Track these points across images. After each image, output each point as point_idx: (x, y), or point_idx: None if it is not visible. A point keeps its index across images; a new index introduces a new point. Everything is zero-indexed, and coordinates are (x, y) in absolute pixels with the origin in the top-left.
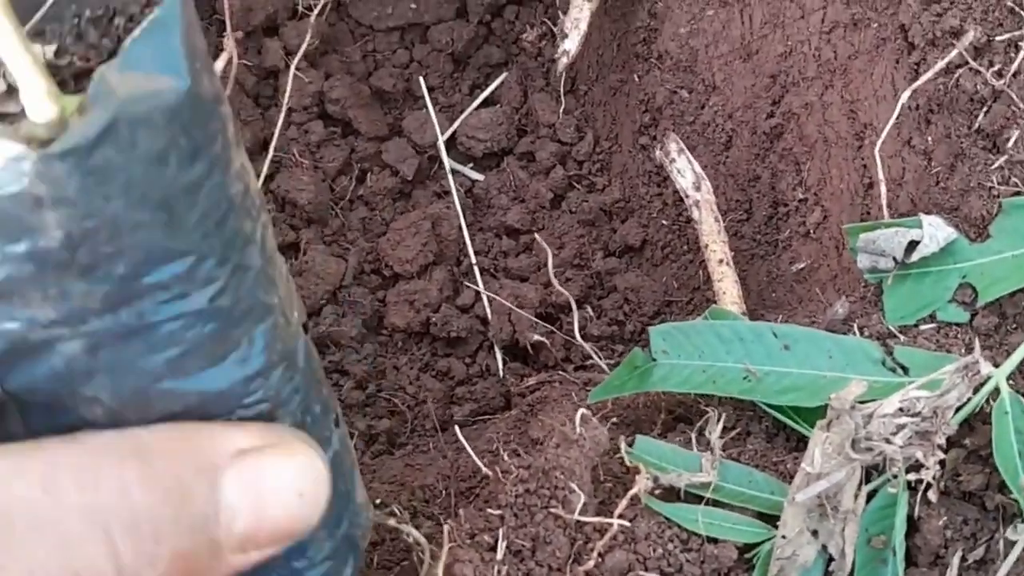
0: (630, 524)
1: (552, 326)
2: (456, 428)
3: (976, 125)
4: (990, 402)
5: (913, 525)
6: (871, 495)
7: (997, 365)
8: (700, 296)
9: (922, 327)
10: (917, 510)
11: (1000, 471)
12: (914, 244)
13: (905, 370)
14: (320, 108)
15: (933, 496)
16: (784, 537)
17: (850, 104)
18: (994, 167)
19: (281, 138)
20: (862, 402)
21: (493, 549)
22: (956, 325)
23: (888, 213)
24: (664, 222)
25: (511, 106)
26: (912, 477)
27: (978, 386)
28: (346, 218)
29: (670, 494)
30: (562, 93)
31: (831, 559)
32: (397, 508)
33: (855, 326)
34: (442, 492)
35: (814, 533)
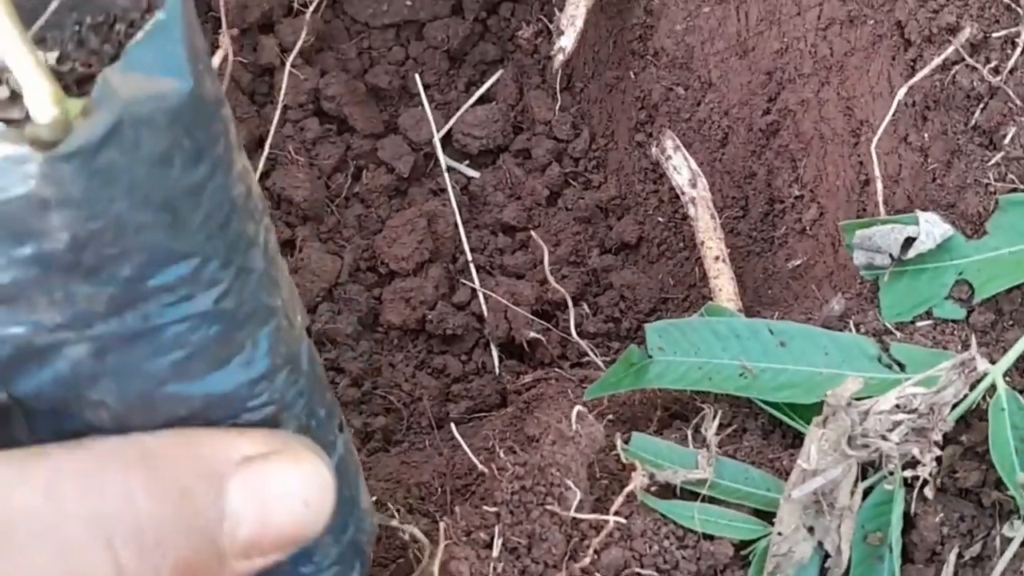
0: (626, 521)
1: (548, 323)
2: (452, 425)
3: (972, 122)
4: (986, 399)
5: (909, 522)
6: (867, 492)
7: (993, 362)
8: (696, 293)
9: (918, 324)
10: (913, 507)
11: (997, 468)
12: (910, 241)
13: (901, 367)
14: (316, 105)
15: (929, 493)
16: (780, 534)
17: (846, 101)
18: (991, 164)
19: (277, 135)
20: (858, 399)
21: (489, 546)
22: (952, 322)
23: (884, 210)
24: (660, 219)
25: (507, 103)
26: (908, 474)
27: (974, 383)
28: (342, 215)
29: (666, 491)
30: (558, 90)
31: (827, 556)
32: (392, 506)
33: (851, 323)
34: (438, 489)
35: (810, 530)
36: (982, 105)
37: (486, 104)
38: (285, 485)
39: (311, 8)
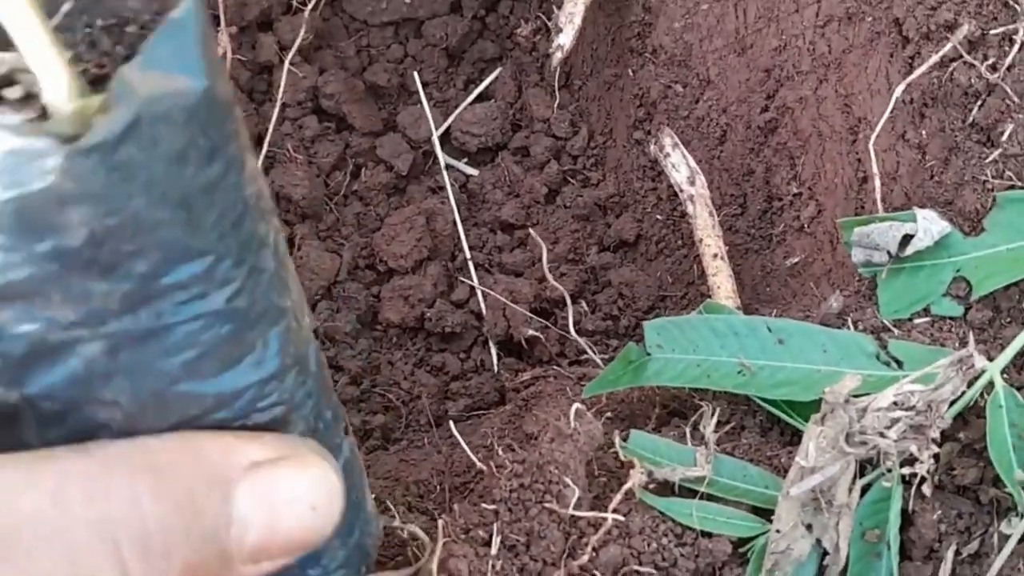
0: (624, 519)
1: (546, 321)
2: (451, 423)
3: (970, 119)
4: (984, 396)
5: (907, 519)
6: (865, 489)
7: (991, 359)
8: (694, 291)
9: (916, 321)
10: (911, 504)
11: (994, 465)
12: (908, 238)
13: (899, 364)
14: (314, 103)
15: (927, 490)
16: (778, 531)
17: (844, 98)
18: (988, 161)
19: (275, 133)
20: (856, 396)
21: (487, 544)
22: (950, 319)
23: (882, 207)
24: (658, 217)
25: (505, 101)
26: (906, 471)
27: (972, 380)
28: (340, 213)
29: (664, 488)
30: (556, 88)
31: (825, 553)
32: (391, 503)
33: (849, 320)
34: (436, 487)
35: (808, 527)
36: (980, 102)
37: (485, 102)
38: (293, 490)
39: (310, 6)
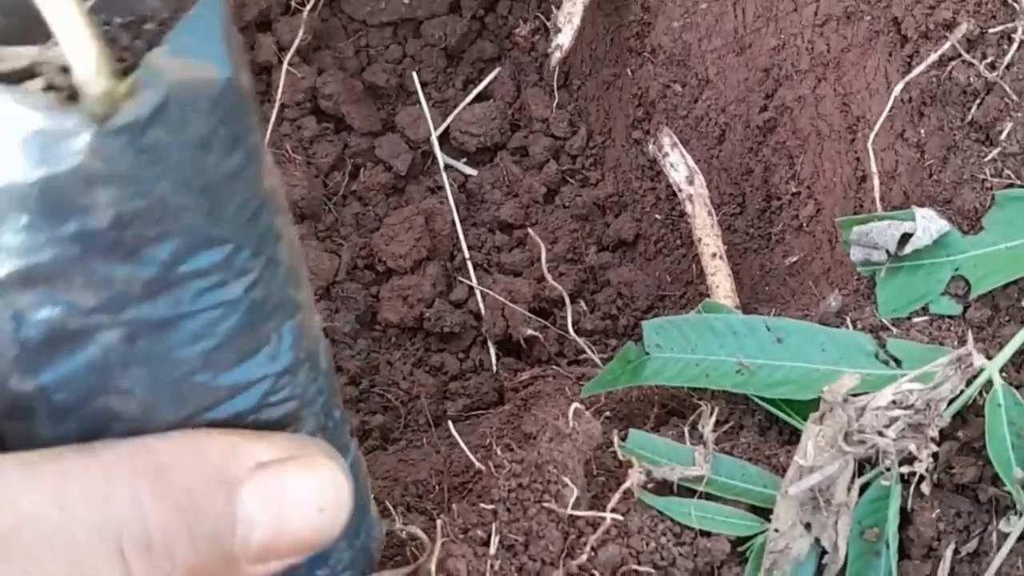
0: (623, 518)
1: (545, 321)
2: (449, 423)
3: (969, 117)
4: (983, 394)
5: (906, 518)
6: (864, 488)
7: (990, 357)
8: (693, 290)
9: (915, 320)
10: (910, 503)
11: (993, 463)
12: (907, 237)
13: (898, 363)
14: (313, 104)
15: (926, 489)
16: (777, 530)
17: (843, 97)
18: (987, 159)
19: (274, 134)
20: (855, 395)
21: (486, 543)
22: (949, 317)
23: (881, 206)
24: (657, 216)
25: (504, 101)
26: (905, 470)
27: (971, 378)
28: (339, 214)
29: (663, 488)
30: (555, 88)
31: (824, 552)
32: (390, 503)
33: (848, 319)
34: (435, 487)
35: (807, 526)
36: (979, 101)
37: (483, 102)
38: (300, 491)
39: (308, 6)
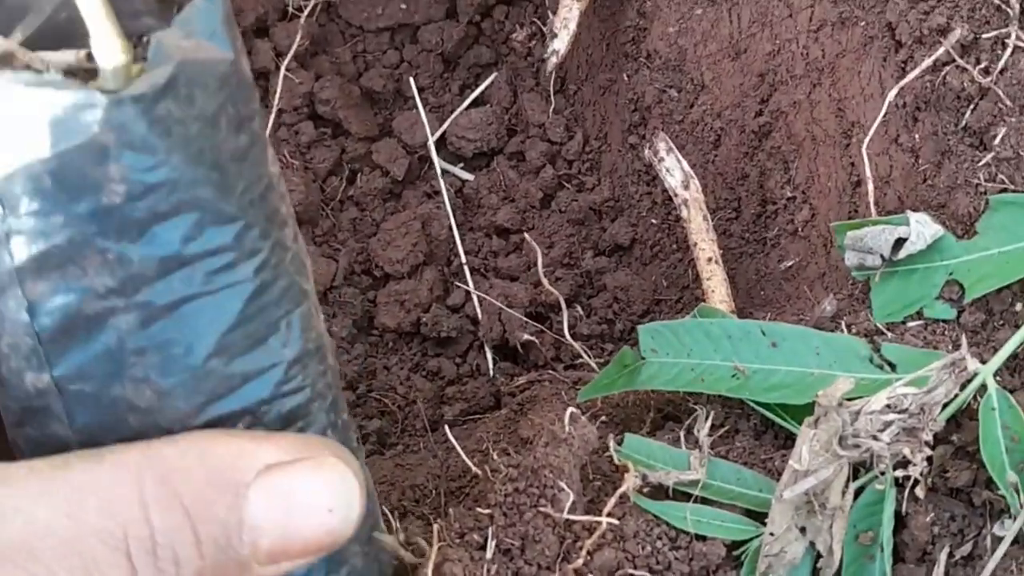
0: (619, 522)
1: (542, 325)
2: (446, 428)
3: (963, 122)
4: (977, 398)
5: (900, 521)
6: (858, 492)
7: (984, 361)
8: (689, 295)
9: (909, 324)
10: (904, 506)
11: (987, 467)
12: (901, 241)
13: (892, 367)
14: (310, 109)
15: (920, 492)
16: (772, 534)
17: (838, 102)
18: (981, 164)
19: (271, 139)
20: (849, 399)
21: (483, 548)
22: (943, 322)
23: (875, 211)
24: (653, 221)
25: (501, 106)
26: (899, 474)
27: (965, 383)
28: (336, 219)
29: (659, 492)
30: (551, 93)
31: (819, 556)
32: (387, 508)
33: (843, 323)
34: (432, 492)
35: (802, 530)
36: (972, 106)
37: (480, 107)
38: (309, 492)
39: (306, 12)
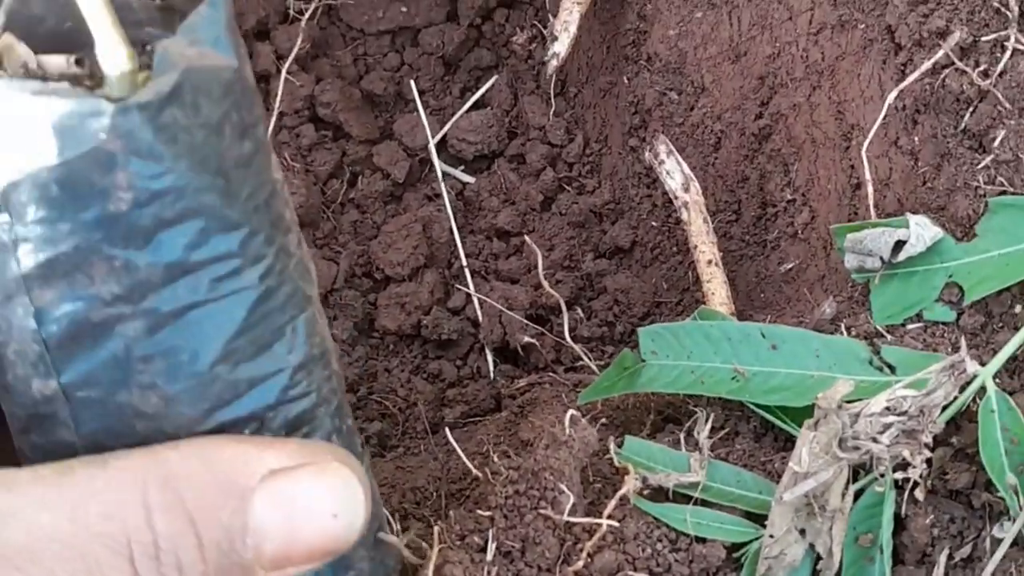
0: (619, 524)
1: (542, 328)
2: (447, 430)
3: (962, 125)
4: (976, 401)
5: (900, 523)
6: (858, 494)
7: (983, 364)
8: (689, 297)
9: (909, 326)
10: (904, 508)
11: (987, 469)
12: (901, 244)
13: (892, 369)
14: (311, 112)
15: (920, 494)
16: (772, 536)
17: (837, 105)
18: (980, 167)
19: (272, 142)
20: (849, 401)
21: (483, 550)
22: (943, 324)
23: (875, 213)
24: (654, 223)
25: (501, 109)
26: (899, 476)
27: (964, 385)
28: (337, 221)
29: (659, 494)
30: (552, 95)
31: (819, 558)
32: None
33: (842, 326)
34: (433, 494)
35: (802, 532)
36: (972, 108)
37: (481, 110)
38: (312, 497)
39: (307, 15)
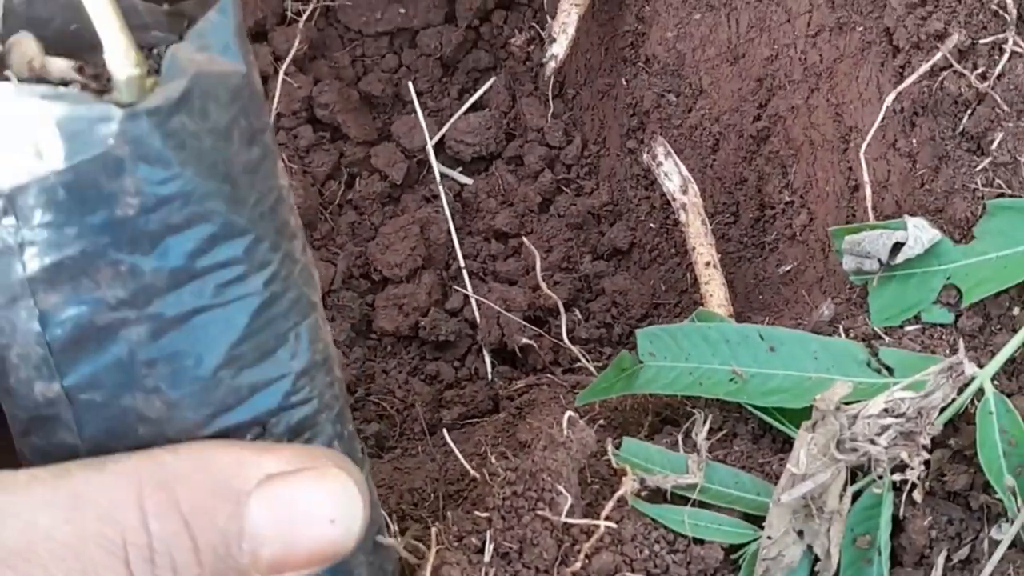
0: (617, 526)
1: (540, 329)
2: (444, 431)
3: (960, 127)
4: (974, 402)
5: (898, 525)
6: (856, 496)
7: (981, 366)
8: (687, 299)
9: (907, 328)
10: (902, 510)
11: (984, 471)
12: (899, 246)
13: (890, 371)
14: (309, 113)
15: (918, 496)
16: (770, 538)
17: (835, 107)
18: (978, 169)
19: None
20: (847, 403)
21: (481, 551)
22: (941, 326)
23: (873, 215)
24: (652, 225)
25: (499, 110)
26: (897, 477)
27: (962, 387)
28: (335, 222)
29: (656, 496)
30: (550, 97)
31: (817, 559)
32: (385, 511)
33: (841, 328)
34: (430, 495)
35: (800, 533)
36: (970, 111)
37: (479, 111)
38: (310, 502)
39: (304, 16)
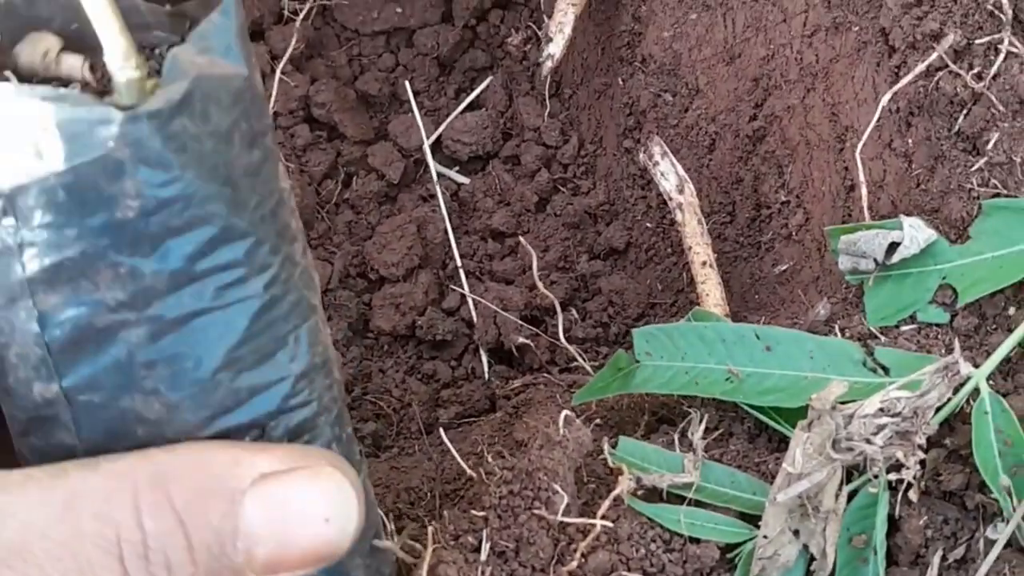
0: (613, 525)
1: (537, 329)
2: (441, 430)
3: (956, 127)
4: (970, 402)
5: (894, 524)
6: (852, 495)
7: (977, 365)
8: (684, 298)
9: (903, 328)
10: (898, 510)
11: (980, 471)
12: (895, 246)
13: (886, 371)
14: (306, 112)
15: (914, 496)
16: (766, 537)
17: (831, 107)
18: (974, 169)
19: None
20: (843, 403)
21: (477, 550)
22: (936, 326)
23: (869, 215)
24: (648, 225)
25: (496, 110)
26: (893, 477)
27: (958, 386)
28: (332, 222)
29: (653, 495)
30: (547, 97)
31: (812, 559)
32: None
33: (836, 327)
34: (427, 494)
35: (795, 533)
36: (965, 111)
37: (476, 111)
38: (304, 501)
39: (301, 15)
